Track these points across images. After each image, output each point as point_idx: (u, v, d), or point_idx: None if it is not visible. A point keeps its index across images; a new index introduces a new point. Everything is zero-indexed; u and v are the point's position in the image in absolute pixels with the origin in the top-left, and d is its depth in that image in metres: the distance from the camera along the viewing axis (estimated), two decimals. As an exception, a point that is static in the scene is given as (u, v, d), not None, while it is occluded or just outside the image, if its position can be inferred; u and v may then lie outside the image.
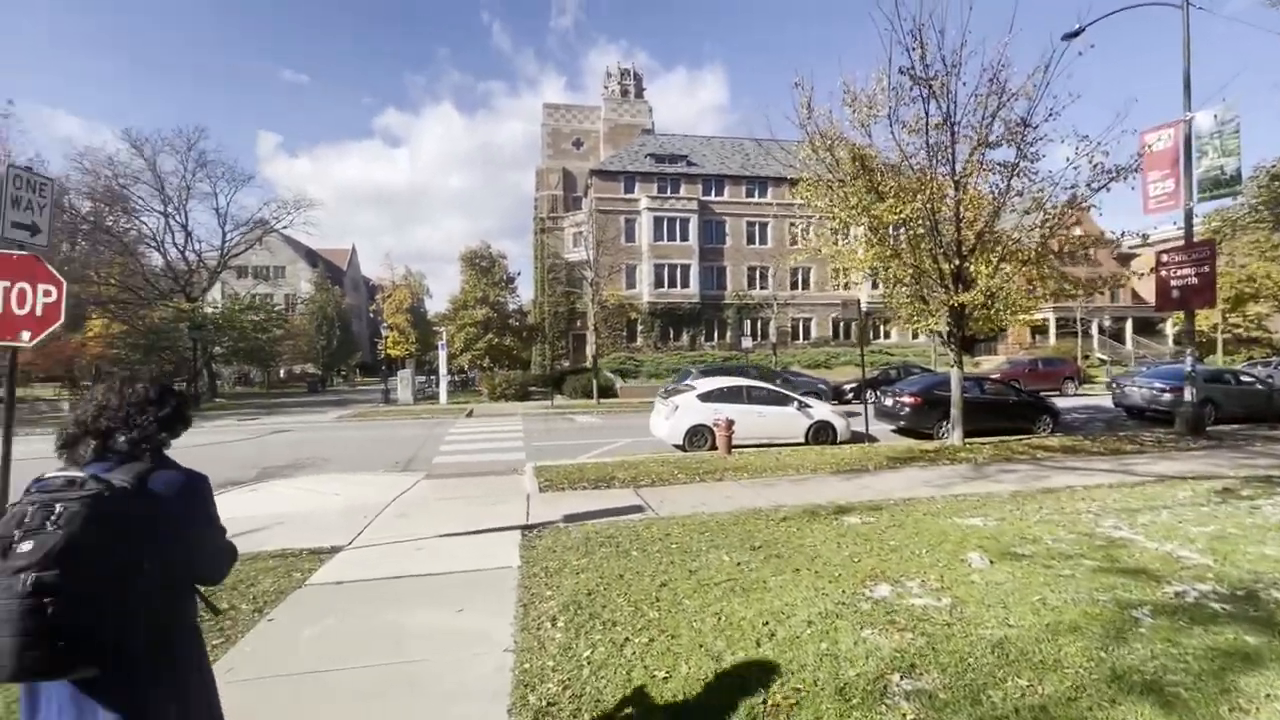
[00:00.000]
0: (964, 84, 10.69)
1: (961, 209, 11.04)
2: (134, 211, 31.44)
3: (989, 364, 33.53)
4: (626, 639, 3.67)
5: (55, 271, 4.84)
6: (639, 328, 38.58)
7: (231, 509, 8.05)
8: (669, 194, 39.33)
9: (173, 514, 1.72)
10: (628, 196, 39.16)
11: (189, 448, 14.86)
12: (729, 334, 39.64)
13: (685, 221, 38.89)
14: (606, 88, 54.92)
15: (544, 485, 8.69)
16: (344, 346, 54.61)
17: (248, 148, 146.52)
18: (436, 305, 66.81)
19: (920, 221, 10.94)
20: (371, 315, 69.89)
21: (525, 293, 48.18)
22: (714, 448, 11.90)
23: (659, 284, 38.41)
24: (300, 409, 27.63)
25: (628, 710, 2.97)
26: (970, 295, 10.67)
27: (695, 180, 40.12)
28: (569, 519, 6.78)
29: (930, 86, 10.52)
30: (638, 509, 7.31)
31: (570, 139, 50.69)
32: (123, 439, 1.76)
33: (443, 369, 27.95)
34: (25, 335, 4.79)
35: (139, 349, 29.83)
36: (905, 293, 12.14)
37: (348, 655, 3.67)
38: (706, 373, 21.96)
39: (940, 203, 11.01)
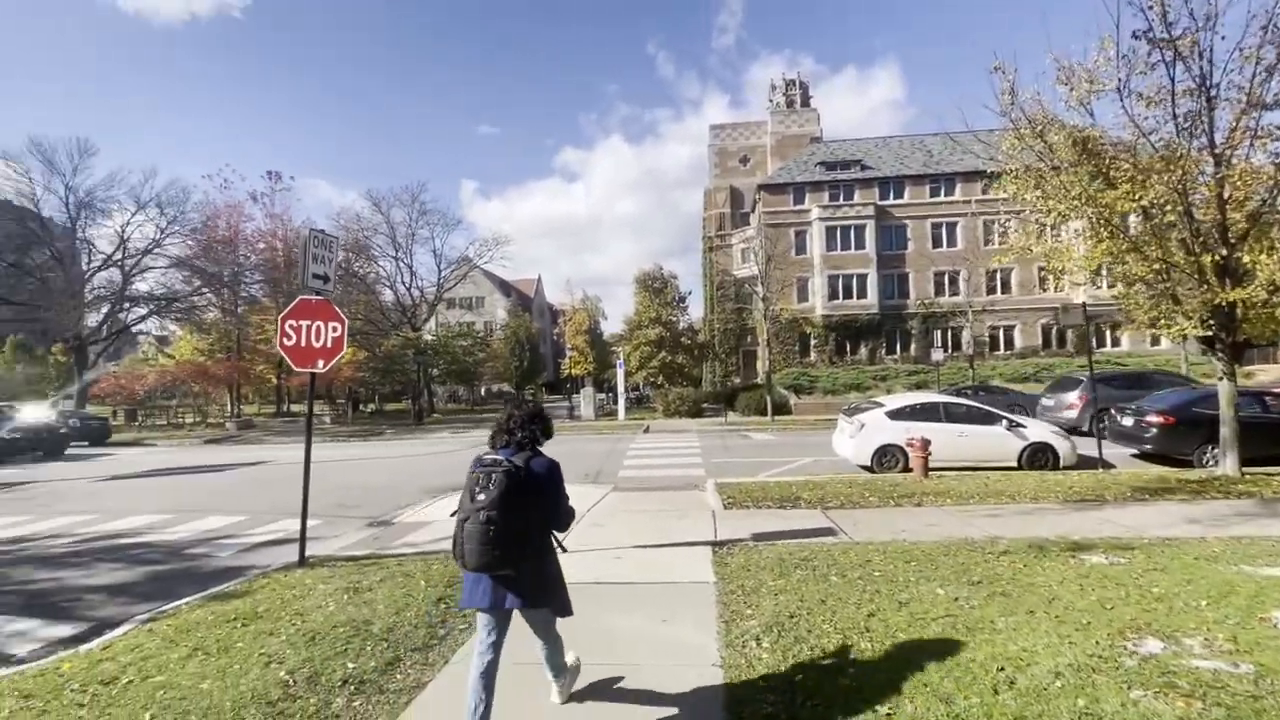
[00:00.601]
0: (1222, 38, 8.84)
1: (1227, 188, 9.05)
2: (374, 257, 37.80)
3: (1265, 374, 26.91)
4: (839, 668, 3.52)
5: (339, 311, 6.01)
6: (812, 342, 37.19)
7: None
8: (841, 201, 37.62)
9: (543, 483, 2.88)
10: (797, 208, 38.19)
11: (419, 456, 17.34)
12: (913, 346, 36.56)
13: (860, 229, 36.87)
14: (771, 100, 54.35)
15: (728, 502, 8.69)
16: (533, 367, 60.02)
17: (453, 195, 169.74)
18: (610, 326, 70.73)
19: (1168, 207, 9.18)
20: (554, 338, 76.00)
21: (695, 311, 49.07)
22: (906, 470, 11.01)
23: (833, 296, 36.75)
24: (499, 423, 30.75)
25: (849, 743, 2.84)
26: (1245, 291, 8.67)
27: (870, 185, 37.92)
28: (757, 538, 6.71)
29: (1175, 47, 8.85)
30: (828, 531, 7.01)
31: (736, 156, 50.87)
32: (519, 436, 2.95)
33: (620, 386, 29.40)
34: (320, 363, 5.99)
35: (378, 372, 35.61)
36: (1146, 293, 10.23)
37: (568, 651, 3.98)
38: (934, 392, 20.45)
39: (1195, 183, 9.15)
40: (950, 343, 35.87)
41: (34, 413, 20.20)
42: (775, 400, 26.99)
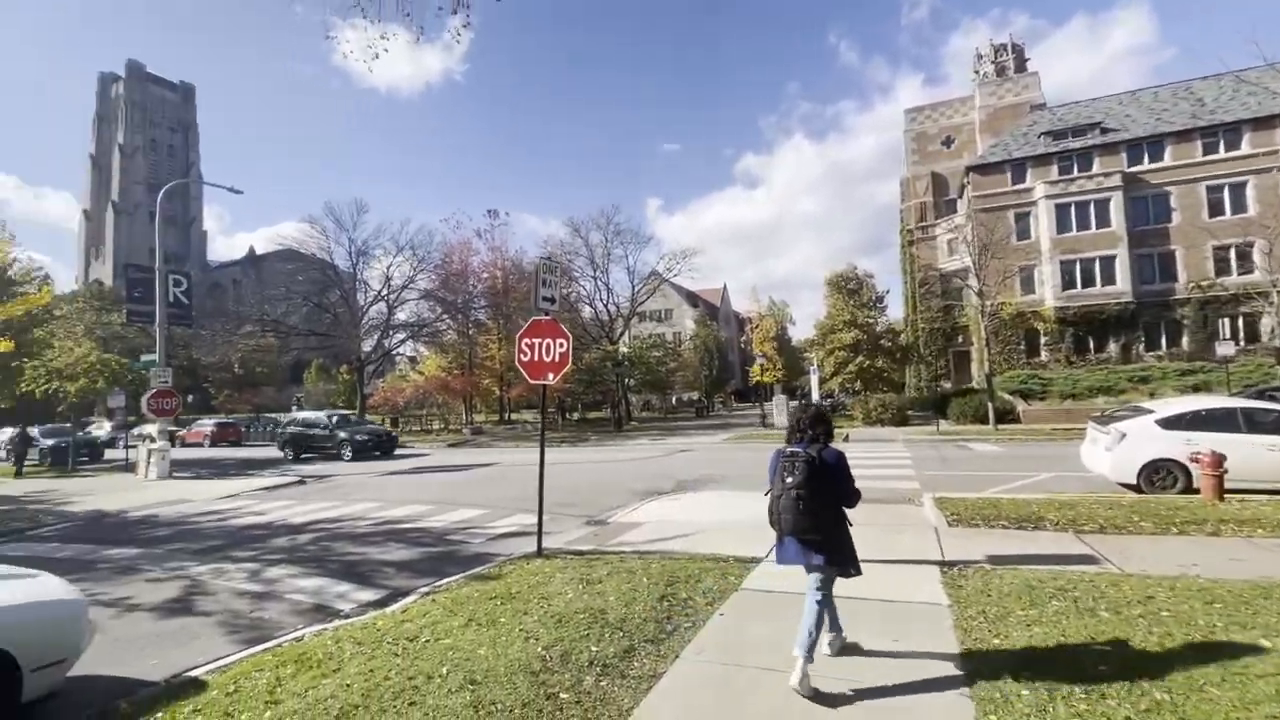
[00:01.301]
0: None
1: None
2: (575, 278, 41.29)
3: None
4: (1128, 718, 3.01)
5: (565, 329, 6.70)
6: (1043, 339, 32.19)
7: (664, 513, 9.66)
8: (1075, 174, 32.14)
9: (834, 469, 3.57)
10: (1017, 188, 33.49)
11: (622, 461, 18.47)
12: (1185, 339, 29.76)
13: (1102, 203, 31.11)
14: (977, 72, 48.55)
15: (951, 520, 7.91)
16: (721, 374, 60.59)
17: (640, 213, 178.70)
18: (797, 331, 68.56)
19: None
20: (742, 345, 75.82)
21: (894, 311, 45.51)
22: (1188, 490, 9.03)
23: (1068, 284, 31.46)
24: (692, 431, 31.54)
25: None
26: None
27: (1114, 150, 31.85)
28: (993, 560, 6.00)
29: None
30: (1087, 559, 6.02)
31: (938, 139, 46.26)
32: (810, 433, 3.68)
33: (815, 394, 28.33)
34: (550, 376, 6.72)
35: (581, 383, 38.67)
36: None
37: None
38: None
39: None
40: (1242, 333, 28.52)
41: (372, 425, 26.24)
42: (998, 406, 23.85)
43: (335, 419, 24.50)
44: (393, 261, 38.77)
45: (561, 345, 6.64)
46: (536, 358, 6.75)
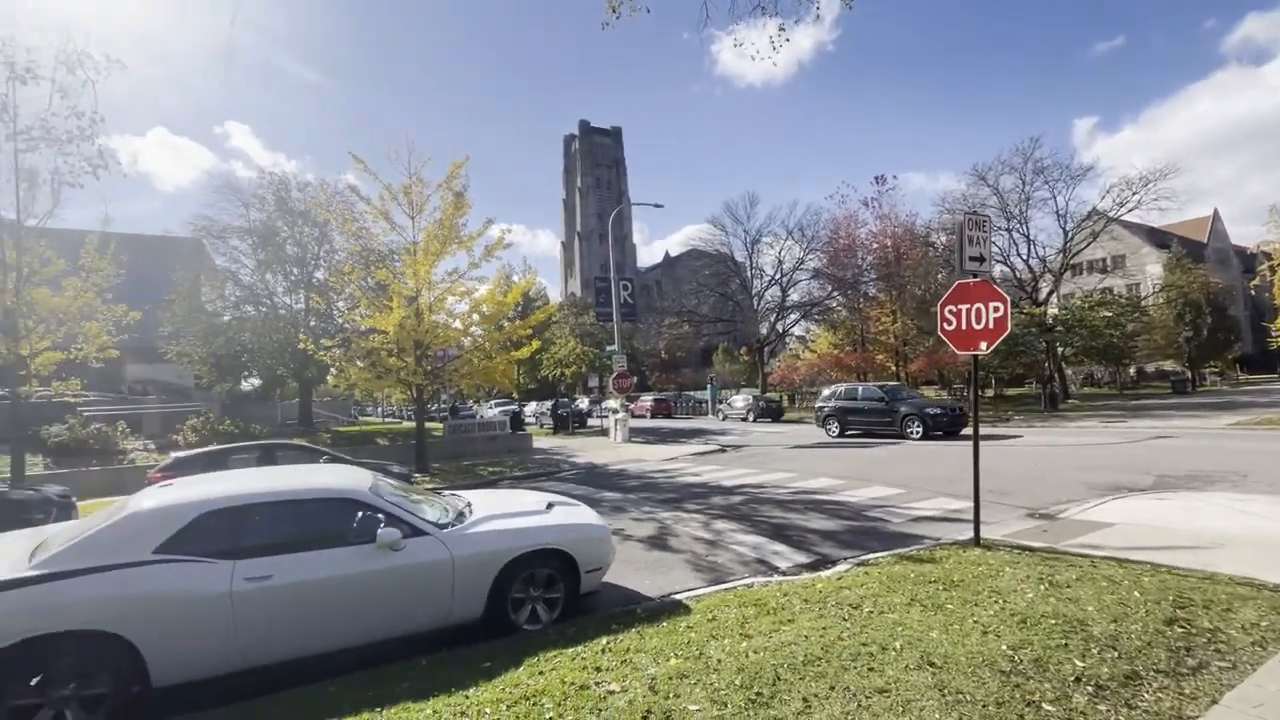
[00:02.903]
0: None
1: None
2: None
3: None
4: None
5: (1000, 290, 5.83)
6: None
7: (1142, 515, 7.58)
8: None
9: None
10: None
11: (1062, 446, 15.27)
12: None
13: None
14: None
15: None
16: (1215, 335, 43.96)
17: (1063, 141, 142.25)
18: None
19: None
20: (1247, 293, 53.44)
21: None
22: None
23: None
24: (1168, 412, 23.89)
25: None
26: None
27: None
28: None
29: None
30: None
31: None
32: None
33: None
34: (983, 345, 5.96)
35: (997, 354, 33.33)
36: None
37: None
38: None
39: None
40: None
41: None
42: None
43: (887, 391, 20.81)
44: (783, 245, 40.69)
45: (996, 309, 5.79)
46: (964, 325, 6.06)
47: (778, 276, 41.14)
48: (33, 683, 3.45)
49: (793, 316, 43.43)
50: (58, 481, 11.71)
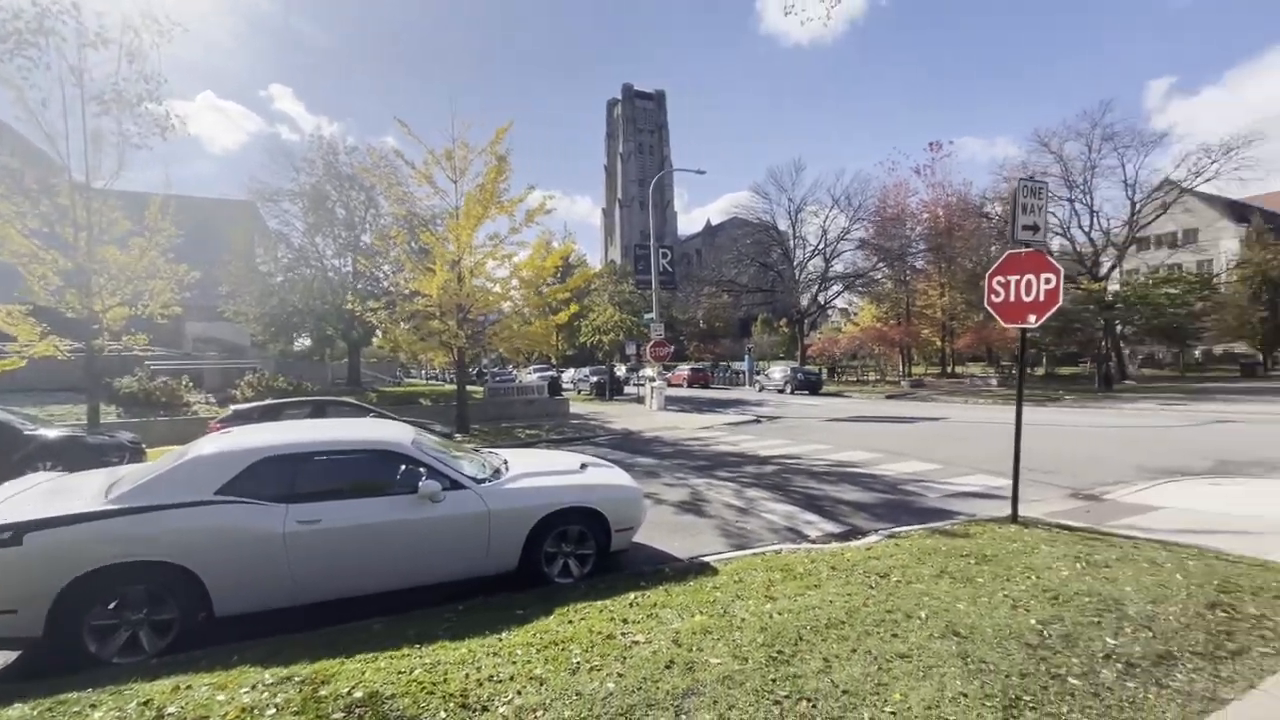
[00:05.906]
0: None
1: None
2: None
3: None
4: None
5: (1054, 261, 5.59)
6: None
7: (1196, 499, 7.30)
8: None
9: None
10: None
11: (1115, 427, 14.71)
12: None
13: None
14: None
15: None
16: (1294, 317, 41.01)
17: (1135, 104, 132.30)
18: None
19: None
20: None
21: None
22: None
23: None
24: (1234, 396, 22.67)
25: None
26: None
27: None
28: None
29: None
30: None
31: None
32: None
33: None
34: (1031, 318, 5.74)
35: (1050, 331, 32.02)
36: None
37: None
38: None
39: None
40: None
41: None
42: None
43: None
44: (828, 215, 39.55)
45: (1048, 281, 5.55)
46: (1013, 297, 5.84)
47: (821, 246, 40.15)
48: (110, 605, 3.79)
49: (835, 288, 42.44)
50: (128, 429, 12.53)
